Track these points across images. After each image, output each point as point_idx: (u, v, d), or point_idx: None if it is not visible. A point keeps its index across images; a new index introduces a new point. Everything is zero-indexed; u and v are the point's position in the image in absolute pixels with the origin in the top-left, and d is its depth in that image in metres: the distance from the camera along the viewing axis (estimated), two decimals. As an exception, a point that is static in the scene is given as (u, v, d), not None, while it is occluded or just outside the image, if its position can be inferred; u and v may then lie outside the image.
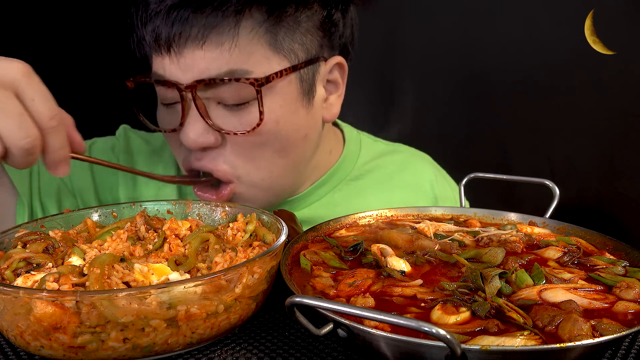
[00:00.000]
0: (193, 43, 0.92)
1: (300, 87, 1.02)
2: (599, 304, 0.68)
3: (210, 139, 0.98)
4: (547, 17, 1.70)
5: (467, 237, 0.90)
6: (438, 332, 0.50)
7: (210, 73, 0.94)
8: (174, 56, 0.94)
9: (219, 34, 0.93)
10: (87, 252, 0.77)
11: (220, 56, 0.94)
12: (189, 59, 0.94)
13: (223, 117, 0.98)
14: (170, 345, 0.66)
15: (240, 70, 0.94)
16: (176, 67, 0.95)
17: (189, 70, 0.94)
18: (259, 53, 0.96)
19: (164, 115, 1.04)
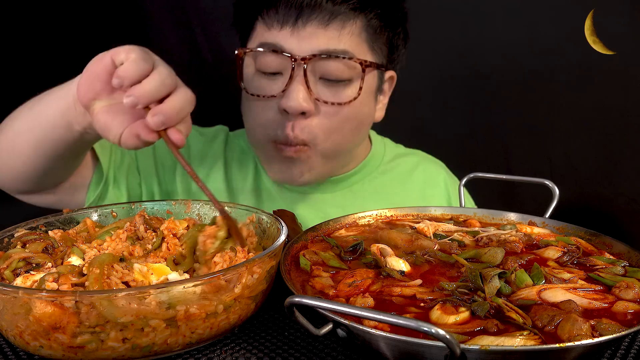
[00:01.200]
0: (319, 22, 1.11)
1: (377, 83, 1.24)
2: (598, 304, 0.68)
3: (310, 105, 1.13)
4: (548, 17, 1.70)
5: (466, 237, 0.90)
6: (437, 332, 0.50)
7: (327, 48, 1.12)
8: (296, 30, 1.12)
9: (343, 20, 1.13)
10: (86, 252, 0.77)
11: (338, 37, 1.13)
12: (310, 34, 1.11)
13: (321, 91, 1.15)
14: (169, 345, 0.66)
15: (350, 52, 1.14)
16: (295, 39, 1.12)
17: (306, 44, 1.12)
18: (361, 45, 1.17)
19: (263, 83, 1.17)
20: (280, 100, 1.14)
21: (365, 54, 1.18)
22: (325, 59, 1.12)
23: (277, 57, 1.13)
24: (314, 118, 1.16)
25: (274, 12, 1.13)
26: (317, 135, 1.17)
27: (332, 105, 1.15)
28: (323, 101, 1.14)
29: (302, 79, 1.12)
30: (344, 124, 1.19)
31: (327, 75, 1.14)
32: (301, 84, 1.12)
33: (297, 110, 1.13)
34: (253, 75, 1.19)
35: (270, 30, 1.14)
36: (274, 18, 1.13)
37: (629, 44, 1.62)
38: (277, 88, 1.15)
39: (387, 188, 1.39)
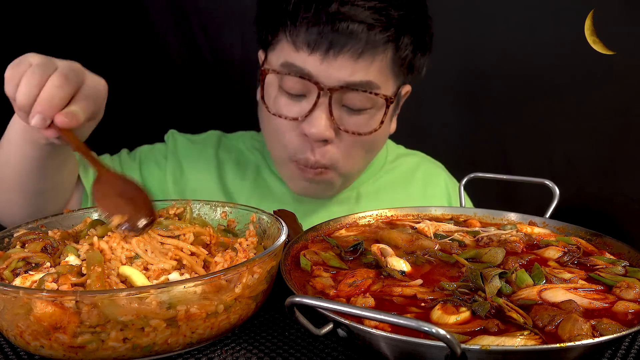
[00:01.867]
0: (351, 54, 1.08)
1: (396, 106, 1.26)
2: (599, 303, 0.68)
3: (331, 133, 1.14)
4: (547, 17, 1.70)
5: (467, 237, 0.90)
6: (438, 332, 0.50)
7: (354, 80, 1.10)
8: (327, 59, 1.08)
9: (374, 52, 1.10)
10: (79, 249, 0.77)
11: (367, 69, 1.11)
12: (340, 64, 1.09)
13: (343, 119, 1.15)
14: (170, 345, 0.66)
15: (374, 83, 1.12)
16: (325, 68, 1.09)
17: (335, 74, 1.09)
18: (386, 74, 1.15)
19: (287, 104, 1.16)
20: (302, 123, 1.14)
21: (387, 79, 1.16)
22: (351, 90, 1.11)
23: (304, 81, 1.11)
24: (334, 145, 1.17)
25: (304, 31, 1.09)
26: (338, 160, 1.19)
27: (353, 134, 1.16)
28: (344, 130, 1.15)
29: (326, 107, 1.11)
30: (364, 150, 1.22)
31: (351, 105, 1.14)
32: (324, 112, 1.11)
33: (319, 138, 1.13)
34: (276, 94, 1.18)
35: (299, 52, 1.11)
36: (303, 39, 1.09)
37: (629, 44, 1.62)
38: (299, 110, 1.14)
39: (390, 187, 1.41)
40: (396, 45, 1.13)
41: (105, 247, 0.75)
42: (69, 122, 0.85)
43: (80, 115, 0.86)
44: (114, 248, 0.76)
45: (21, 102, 0.85)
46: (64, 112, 0.85)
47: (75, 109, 0.86)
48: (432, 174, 1.48)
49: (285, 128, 1.18)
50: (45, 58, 0.88)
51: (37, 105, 0.84)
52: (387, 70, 1.15)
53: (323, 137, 1.13)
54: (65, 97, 0.85)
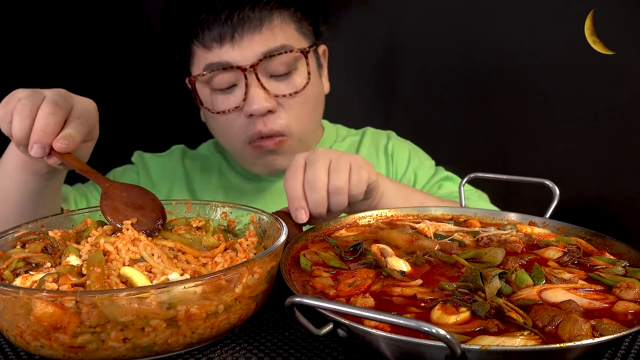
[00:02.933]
0: (253, 30, 1.22)
1: (316, 62, 1.37)
2: (599, 304, 0.68)
3: (272, 103, 1.25)
4: (548, 16, 1.70)
5: (467, 237, 0.90)
6: (438, 332, 0.50)
7: (268, 49, 1.23)
8: (236, 43, 1.22)
9: (270, 20, 1.25)
10: (81, 249, 0.77)
11: (272, 37, 1.25)
12: (249, 42, 1.22)
13: (275, 87, 1.27)
14: (170, 345, 0.66)
15: (287, 45, 1.26)
16: (238, 51, 1.22)
17: (249, 52, 1.23)
18: (293, 35, 1.29)
19: (222, 100, 1.28)
20: (243, 108, 1.26)
21: (299, 40, 1.30)
22: (270, 59, 1.24)
23: (228, 72, 1.24)
24: (280, 112, 1.28)
25: (208, 33, 1.23)
26: (290, 124, 1.29)
27: (290, 95, 1.28)
28: (282, 95, 1.27)
29: (257, 83, 1.23)
30: (306, 107, 1.33)
31: (276, 72, 1.26)
32: (258, 87, 1.24)
33: (262, 111, 1.24)
34: (210, 95, 1.30)
35: (212, 50, 1.24)
36: (210, 38, 1.23)
37: (629, 44, 1.62)
38: (236, 100, 1.26)
39: None
40: (285, 10, 1.28)
41: (111, 248, 0.76)
42: (67, 146, 0.89)
43: (76, 137, 0.90)
44: (119, 249, 0.76)
45: (17, 136, 0.89)
46: (61, 136, 0.89)
47: (70, 131, 0.90)
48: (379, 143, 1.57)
49: (232, 120, 1.29)
50: (32, 90, 0.92)
51: (34, 135, 0.88)
52: (291, 30, 1.29)
53: (266, 109, 1.24)
54: (58, 122, 0.89)
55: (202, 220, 0.90)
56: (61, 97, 0.92)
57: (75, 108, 0.93)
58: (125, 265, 0.74)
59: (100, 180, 0.91)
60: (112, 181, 0.91)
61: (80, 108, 0.94)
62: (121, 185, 0.90)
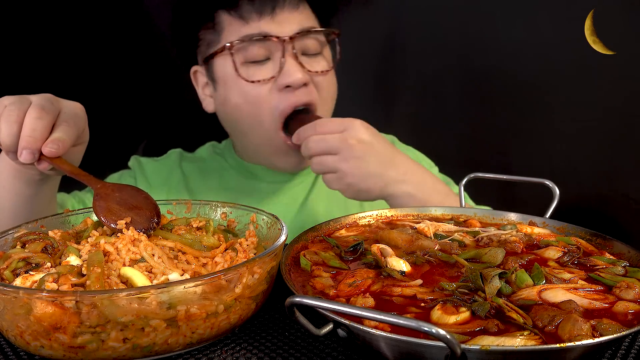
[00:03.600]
0: (291, 7, 1.30)
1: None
2: (598, 304, 0.68)
3: (306, 76, 1.29)
4: (547, 16, 1.70)
5: (467, 237, 0.90)
6: (438, 332, 0.50)
7: (303, 27, 1.30)
8: (275, 16, 1.28)
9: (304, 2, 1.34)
10: (81, 249, 0.77)
11: (308, 16, 1.34)
12: (286, 18, 1.29)
13: (308, 64, 1.32)
14: (170, 345, 0.66)
15: (316, 27, 1.34)
16: (277, 24, 1.28)
17: (286, 26, 1.28)
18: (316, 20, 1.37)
19: (255, 72, 1.30)
20: (277, 79, 1.28)
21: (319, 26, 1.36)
22: (304, 36, 1.29)
23: (264, 43, 1.28)
24: (311, 87, 1.31)
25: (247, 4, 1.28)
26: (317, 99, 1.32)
27: (321, 73, 1.33)
28: (314, 71, 1.31)
29: (293, 56, 1.28)
30: (331, 89, 1.38)
31: (307, 50, 1.32)
32: (295, 60, 1.28)
33: (299, 82, 1.27)
34: (237, 69, 1.31)
35: (249, 22, 1.28)
36: (249, 9, 1.28)
37: (629, 44, 1.61)
38: (271, 71, 1.29)
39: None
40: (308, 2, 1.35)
41: (111, 248, 0.76)
42: (56, 150, 0.88)
43: (66, 140, 0.90)
44: (119, 249, 0.76)
45: (6, 142, 0.88)
46: (49, 140, 0.88)
47: (59, 135, 0.89)
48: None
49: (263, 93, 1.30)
50: (18, 96, 0.91)
51: (22, 141, 0.87)
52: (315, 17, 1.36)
53: (302, 81, 1.27)
54: (46, 126, 0.89)
55: (202, 221, 0.90)
56: (48, 101, 0.91)
57: (62, 112, 0.93)
58: (125, 266, 0.74)
59: (92, 181, 0.90)
60: (104, 182, 0.90)
61: (68, 111, 0.94)
62: (113, 186, 0.90)
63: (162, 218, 0.90)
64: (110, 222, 0.83)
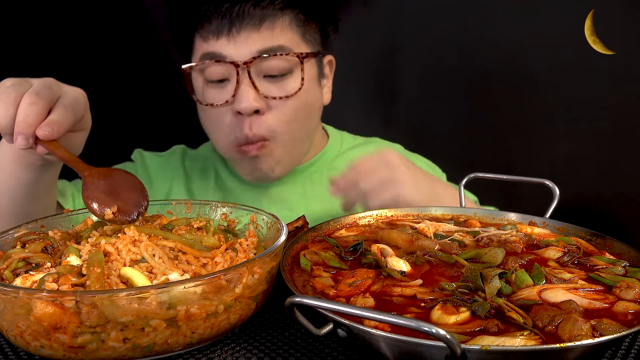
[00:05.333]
0: (251, 27, 1.22)
1: (317, 70, 1.35)
2: (599, 304, 0.68)
3: (261, 103, 1.23)
4: (548, 16, 1.70)
5: (467, 237, 0.90)
6: (438, 332, 0.50)
7: (264, 47, 1.22)
8: (232, 37, 1.22)
9: (272, 20, 1.23)
10: (81, 249, 0.77)
11: (272, 36, 1.23)
12: (245, 38, 1.22)
13: (267, 88, 1.25)
14: (170, 345, 0.66)
15: (285, 46, 1.24)
16: (233, 46, 1.22)
17: (244, 48, 1.22)
18: (294, 39, 1.27)
19: (214, 92, 1.27)
20: (232, 104, 1.24)
21: (299, 44, 1.28)
22: (265, 59, 1.22)
23: (221, 65, 1.23)
24: (268, 114, 1.25)
25: (207, 25, 1.23)
26: (275, 129, 1.27)
27: (281, 99, 1.25)
28: (272, 97, 1.24)
29: (248, 81, 1.22)
30: (296, 114, 1.29)
31: (270, 72, 1.24)
32: (248, 85, 1.22)
33: (249, 110, 1.22)
34: (203, 86, 1.28)
35: (208, 41, 1.24)
36: (208, 30, 1.23)
37: (630, 44, 1.61)
38: (227, 94, 1.24)
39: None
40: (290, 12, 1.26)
41: (111, 249, 0.75)
42: (50, 132, 0.87)
43: (62, 123, 0.88)
44: (120, 249, 0.76)
45: (2, 124, 0.88)
46: (44, 124, 0.87)
47: (54, 117, 0.88)
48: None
49: (221, 115, 1.27)
50: (19, 79, 0.90)
51: (16, 127, 0.86)
52: (292, 34, 1.26)
53: (253, 108, 1.22)
54: (40, 113, 0.87)
55: (202, 221, 0.90)
56: (45, 87, 0.89)
57: (62, 97, 0.91)
58: (125, 266, 0.74)
59: (80, 168, 0.89)
60: (92, 168, 0.88)
61: (68, 97, 0.92)
62: (100, 171, 0.88)
63: (161, 218, 0.90)
64: (99, 211, 0.82)
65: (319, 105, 1.39)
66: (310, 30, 1.31)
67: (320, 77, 1.37)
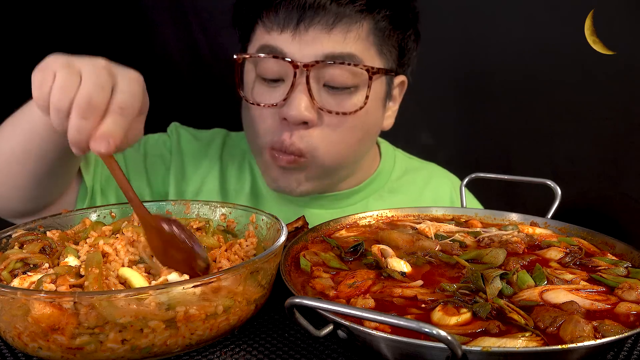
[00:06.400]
0: (322, 26, 1.04)
1: (385, 90, 1.17)
2: (600, 305, 0.67)
3: (313, 115, 1.06)
4: (550, 16, 1.70)
5: (468, 238, 0.90)
6: (439, 334, 0.50)
7: (331, 52, 1.05)
8: (298, 34, 1.05)
9: (348, 23, 1.06)
10: (79, 250, 0.76)
11: (343, 41, 1.06)
12: (313, 38, 1.05)
13: (324, 99, 1.08)
14: (169, 347, 0.65)
15: (356, 56, 1.07)
16: (297, 44, 1.05)
17: (309, 49, 1.05)
18: (368, 49, 1.09)
19: (263, 91, 1.11)
20: (281, 108, 1.08)
21: (373, 58, 1.11)
22: (329, 65, 1.05)
23: (278, 62, 1.07)
24: (316, 129, 1.09)
25: (273, 14, 1.07)
26: (318, 147, 1.10)
27: (337, 115, 1.08)
28: (327, 110, 1.08)
29: (304, 86, 1.05)
30: (348, 135, 1.12)
31: (332, 82, 1.07)
32: (304, 92, 1.05)
33: (298, 120, 1.06)
34: (254, 82, 1.13)
35: (270, 33, 1.08)
36: (273, 21, 1.07)
37: (632, 44, 1.61)
38: (278, 96, 1.09)
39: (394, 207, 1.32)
40: (371, 17, 1.09)
41: (110, 249, 0.75)
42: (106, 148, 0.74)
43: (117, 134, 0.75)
44: (118, 250, 0.75)
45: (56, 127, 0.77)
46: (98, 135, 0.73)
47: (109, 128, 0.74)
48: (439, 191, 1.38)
49: (265, 115, 1.12)
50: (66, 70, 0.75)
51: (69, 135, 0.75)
52: (367, 44, 1.09)
53: (303, 119, 1.06)
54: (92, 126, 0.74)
55: (202, 221, 0.89)
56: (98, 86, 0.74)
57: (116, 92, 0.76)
58: (124, 267, 0.73)
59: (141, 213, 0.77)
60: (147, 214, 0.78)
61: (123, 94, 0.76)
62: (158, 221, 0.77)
63: None
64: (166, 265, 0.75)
65: (376, 130, 1.22)
66: (388, 44, 1.13)
67: (387, 98, 1.20)
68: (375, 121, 1.18)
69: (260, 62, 1.09)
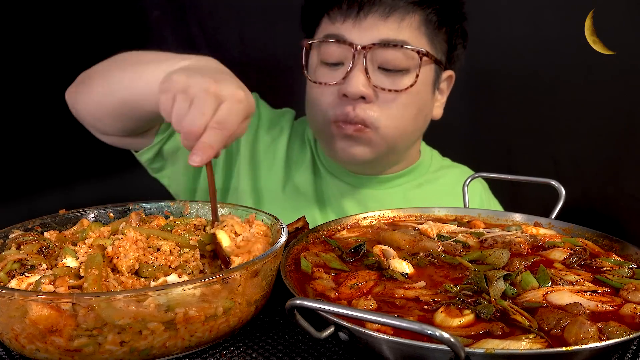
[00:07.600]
0: (379, 15, 1.20)
1: (433, 77, 1.29)
2: (605, 306, 0.67)
3: (370, 91, 1.20)
4: (552, 16, 1.69)
5: (471, 238, 0.89)
6: (442, 335, 0.49)
7: (386, 37, 1.20)
8: (358, 22, 1.21)
9: (402, 13, 1.21)
10: (78, 251, 0.76)
11: (397, 29, 1.21)
12: (370, 25, 1.20)
13: (379, 79, 1.22)
14: (168, 349, 0.65)
15: (408, 42, 1.21)
16: (357, 30, 1.21)
17: (366, 34, 1.20)
18: (420, 38, 1.24)
19: (326, 73, 1.26)
20: (341, 86, 1.22)
21: (425, 46, 1.23)
22: (384, 48, 1.19)
23: (339, 47, 1.21)
24: (374, 104, 1.22)
25: (337, 8, 1.23)
26: (379, 119, 1.22)
27: (390, 92, 1.21)
28: (381, 88, 1.20)
29: (362, 66, 1.19)
30: (403, 111, 1.25)
31: (386, 64, 1.20)
32: (361, 71, 1.19)
33: (356, 95, 1.19)
34: (316, 65, 1.28)
35: (335, 24, 1.23)
36: (337, 13, 1.23)
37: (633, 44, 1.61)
38: (338, 76, 1.23)
39: (429, 196, 1.44)
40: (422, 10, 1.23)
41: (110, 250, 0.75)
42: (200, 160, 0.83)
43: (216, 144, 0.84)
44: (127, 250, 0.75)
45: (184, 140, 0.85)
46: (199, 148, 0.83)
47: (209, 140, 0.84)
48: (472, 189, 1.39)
49: (327, 93, 1.25)
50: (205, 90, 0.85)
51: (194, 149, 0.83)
52: (419, 34, 1.23)
53: (361, 94, 1.19)
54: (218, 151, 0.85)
55: (202, 221, 0.89)
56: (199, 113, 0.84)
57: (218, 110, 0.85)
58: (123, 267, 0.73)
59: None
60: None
61: (222, 112, 0.86)
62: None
63: (158, 219, 0.89)
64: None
65: (427, 112, 1.33)
66: (438, 36, 1.27)
67: (436, 86, 1.32)
68: (426, 102, 1.30)
69: (324, 47, 1.24)
